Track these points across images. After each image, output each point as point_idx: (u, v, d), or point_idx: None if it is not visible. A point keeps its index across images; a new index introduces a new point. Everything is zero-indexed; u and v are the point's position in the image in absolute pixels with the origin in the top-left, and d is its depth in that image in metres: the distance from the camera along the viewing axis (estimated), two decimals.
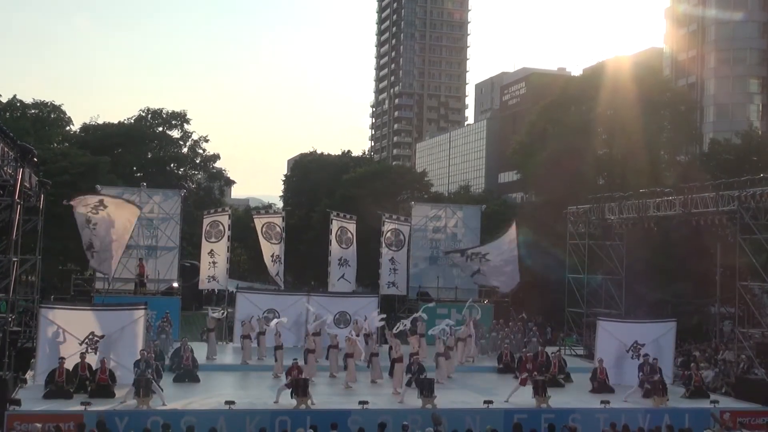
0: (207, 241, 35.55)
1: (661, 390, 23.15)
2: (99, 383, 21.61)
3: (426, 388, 21.66)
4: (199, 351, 27.53)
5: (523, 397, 23.25)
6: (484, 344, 32.58)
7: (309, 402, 20.79)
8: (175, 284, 34.11)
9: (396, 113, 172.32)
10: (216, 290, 39.63)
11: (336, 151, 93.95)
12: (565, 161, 50.26)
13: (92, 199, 29.50)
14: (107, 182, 41.37)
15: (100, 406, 19.97)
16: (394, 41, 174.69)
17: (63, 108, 64.42)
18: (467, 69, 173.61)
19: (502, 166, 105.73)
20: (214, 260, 35.22)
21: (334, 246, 36.38)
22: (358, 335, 27.03)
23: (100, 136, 63.45)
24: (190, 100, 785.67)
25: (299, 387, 20.88)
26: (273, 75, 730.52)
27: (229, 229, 35.50)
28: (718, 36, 74.95)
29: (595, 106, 55.30)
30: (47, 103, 64.14)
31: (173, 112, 67.98)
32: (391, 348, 24.99)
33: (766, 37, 74.23)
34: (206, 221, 35.88)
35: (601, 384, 25.14)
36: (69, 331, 23.15)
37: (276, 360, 26.03)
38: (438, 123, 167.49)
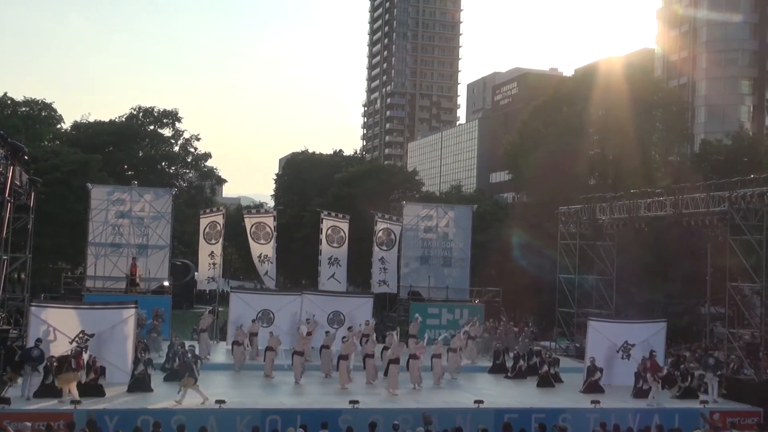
0: (207, 243, 35.44)
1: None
2: (89, 382, 21.49)
3: None
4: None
5: (514, 396, 23.25)
6: (480, 343, 32.58)
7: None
8: (166, 283, 33.97)
9: (388, 113, 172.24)
10: (208, 290, 39.53)
11: (328, 150, 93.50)
12: (557, 161, 50.36)
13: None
14: (98, 181, 41.17)
15: (90, 404, 19.88)
16: (386, 41, 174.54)
17: (54, 106, 64.06)
18: (459, 69, 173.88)
19: (493, 166, 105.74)
20: (215, 261, 35.17)
21: (324, 245, 36.44)
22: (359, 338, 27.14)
23: (91, 134, 63.08)
24: (182, 99, 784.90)
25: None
26: (265, 74, 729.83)
27: (223, 229, 35.48)
28: (709, 37, 75.12)
29: (587, 106, 55.41)
30: (38, 100, 63.71)
31: (165, 111, 67.64)
32: (385, 348, 24.91)
33: (758, 38, 74.44)
34: (204, 221, 35.75)
35: (591, 384, 25.18)
36: (59, 329, 23.02)
37: (264, 361, 25.95)
38: (430, 123, 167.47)
